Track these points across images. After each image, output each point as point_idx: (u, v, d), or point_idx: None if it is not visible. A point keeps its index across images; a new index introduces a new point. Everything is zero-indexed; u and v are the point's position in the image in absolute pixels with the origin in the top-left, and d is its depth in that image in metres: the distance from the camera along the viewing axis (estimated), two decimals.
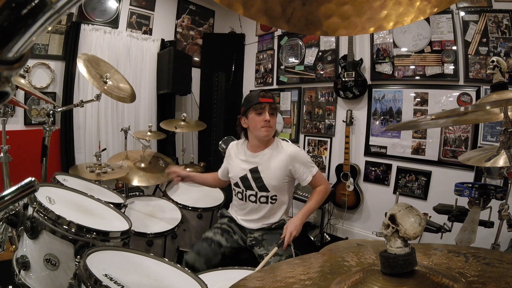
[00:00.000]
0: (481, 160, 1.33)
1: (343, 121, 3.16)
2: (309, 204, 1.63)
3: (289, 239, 1.49)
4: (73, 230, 1.08)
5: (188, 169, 2.82)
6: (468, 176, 2.47)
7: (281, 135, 3.71)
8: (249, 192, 1.68)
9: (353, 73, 3.04)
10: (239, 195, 1.72)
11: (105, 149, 2.99)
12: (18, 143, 2.33)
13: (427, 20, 2.67)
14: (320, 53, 3.45)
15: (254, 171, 1.66)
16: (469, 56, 2.49)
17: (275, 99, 1.69)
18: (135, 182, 2.10)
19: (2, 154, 1.70)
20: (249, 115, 1.64)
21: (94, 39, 3.21)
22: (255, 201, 1.67)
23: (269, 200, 1.66)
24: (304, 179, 1.64)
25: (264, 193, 1.65)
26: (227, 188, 1.94)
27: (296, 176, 1.65)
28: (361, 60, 3.05)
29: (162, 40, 3.78)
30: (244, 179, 1.68)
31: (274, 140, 1.71)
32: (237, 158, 1.75)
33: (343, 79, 3.10)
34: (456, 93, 2.58)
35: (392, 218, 0.44)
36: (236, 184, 1.72)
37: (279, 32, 3.90)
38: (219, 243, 1.61)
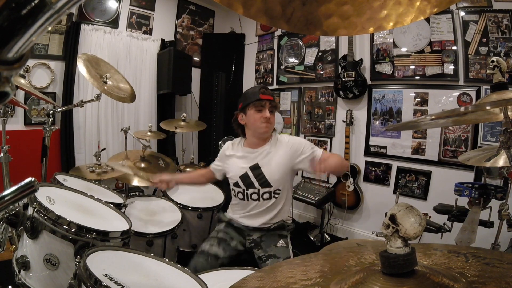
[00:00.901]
0: (481, 160, 1.33)
1: (343, 121, 3.16)
2: (332, 158, 1.51)
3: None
4: (73, 230, 1.08)
5: (188, 169, 2.83)
6: (468, 176, 2.47)
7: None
8: (251, 191, 1.63)
9: (353, 73, 3.04)
10: (240, 195, 1.67)
11: (104, 149, 2.99)
12: (18, 143, 2.33)
13: (427, 20, 2.67)
14: (320, 53, 3.45)
15: (255, 168, 1.61)
16: (469, 56, 2.49)
17: (274, 97, 1.66)
18: (135, 182, 2.10)
19: (2, 154, 1.70)
20: (248, 111, 1.59)
21: (94, 39, 3.21)
22: (257, 199, 1.62)
23: (273, 195, 1.61)
24: (316, 155, 1.56)
25: (266, 189, 1.61)
26: (226, 188, 1.93)
27: (301, 157, 1.58)
28: (361, 60, 3.05)
29: (162, 40, 3.78)
30: (244, 177, 1.63)
31: (273, 136, 1.68)
32: (234, 158, 1.70)
33: (343, 79, 3.10)
34: (456, 93, 2.58)
35: (392, 218, 0.44)
36: (236, 184, 1.67)
37: (279, 32, 3.91)
38: (216, 255, 1.56)
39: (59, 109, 1.93)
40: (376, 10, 0.40)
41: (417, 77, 2.78)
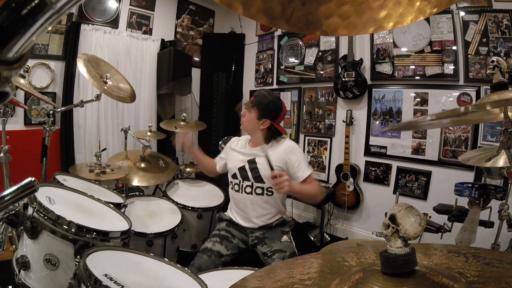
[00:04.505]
0: (481, 160, 1.33)
1: (343, 121, 3.16)
2: (304, 186, 1.61)
3: (279, 177, 1.44)
4: (73, 230, 1.08)
5: (188, 169, 2.83)
6: (468, 176, 2.47)
7: None
8: (245, 183, 1.71)
9: (353, 73, 3.04)
10: (236, 187, 1.75)
11: (105, 149, 2.99)
12: (18, 143, 2.32)
13: (427, 20, 2.66)
14: (320, 53, 3.45)
15: (252, 162, 1.71)
16: (469, 56, 2.49)
17: (258, 98, 1.73)
18: (135, 182, 2.10)
19: (2, 154, 1.70)
20: None
21: (94, 39, 3.21)
22: (250, 192, 1.69)
23: (265, 191, 1.68)
24: (297, 176, 1.64)
25: (259, 184, 1.68)
26: (226, 188, 1.94)
27: (290, 170, 1.65)
28: (361, 60, 3.05)
29: (162, 40, 3.78)
30: (242, 169, 1.73)
31: (277, 139, 1.75)
32: (237, 151, 1.81)
33: (343, 79, 3.10)
34: (456, 93, 2.58)
35: (392, 218, 0.44)
36: (234, 175, 1.76)
37: (279, 32, 3.90)
38: (219, 253, 1.61)
39: (59, 109, 1.93)
40: (376, 10, 0.40)
41: (417, 77, 2.78)
